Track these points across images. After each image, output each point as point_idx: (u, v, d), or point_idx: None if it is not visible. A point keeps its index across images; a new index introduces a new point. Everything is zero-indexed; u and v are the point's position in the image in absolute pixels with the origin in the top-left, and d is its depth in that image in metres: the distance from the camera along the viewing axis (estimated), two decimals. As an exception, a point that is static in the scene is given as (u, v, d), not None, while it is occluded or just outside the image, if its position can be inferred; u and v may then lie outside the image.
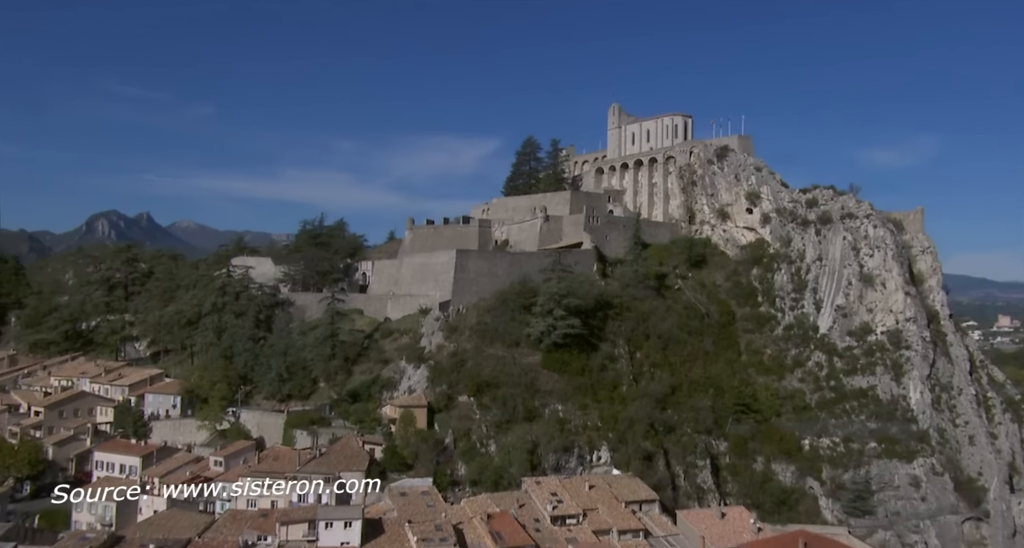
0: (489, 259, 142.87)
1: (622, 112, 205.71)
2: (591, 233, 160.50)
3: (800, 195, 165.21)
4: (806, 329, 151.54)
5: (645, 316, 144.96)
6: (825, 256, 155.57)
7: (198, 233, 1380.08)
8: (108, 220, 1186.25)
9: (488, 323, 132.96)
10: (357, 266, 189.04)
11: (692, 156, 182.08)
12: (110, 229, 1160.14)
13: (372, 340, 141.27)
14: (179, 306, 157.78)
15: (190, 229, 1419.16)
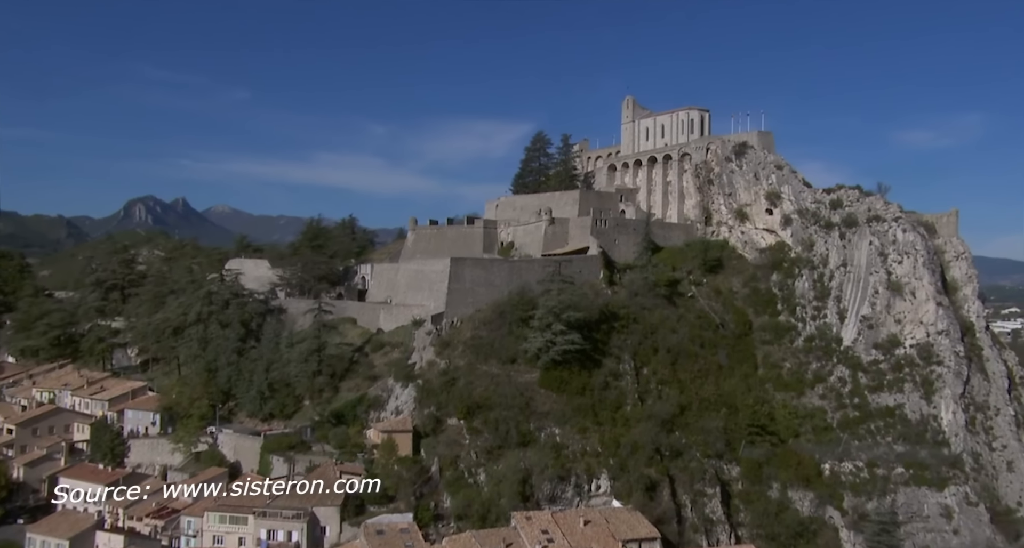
0: (486, 267, 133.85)
1: (636, 105, 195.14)
2: (598, 237, 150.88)
3: (824, 195, 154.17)
4: (828, 341, 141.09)
5: (654, 327, 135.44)
6: (850, 262, 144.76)
7: (233, 218, 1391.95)
8: (145, 205, 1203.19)
9: (483, 337, 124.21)
10: (356, 269, 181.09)
11: (709, 153, 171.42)
12: (147, 214, 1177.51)
13: (362, 354, 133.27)
14: (166, 313, 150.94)
15: (225, 214, 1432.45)
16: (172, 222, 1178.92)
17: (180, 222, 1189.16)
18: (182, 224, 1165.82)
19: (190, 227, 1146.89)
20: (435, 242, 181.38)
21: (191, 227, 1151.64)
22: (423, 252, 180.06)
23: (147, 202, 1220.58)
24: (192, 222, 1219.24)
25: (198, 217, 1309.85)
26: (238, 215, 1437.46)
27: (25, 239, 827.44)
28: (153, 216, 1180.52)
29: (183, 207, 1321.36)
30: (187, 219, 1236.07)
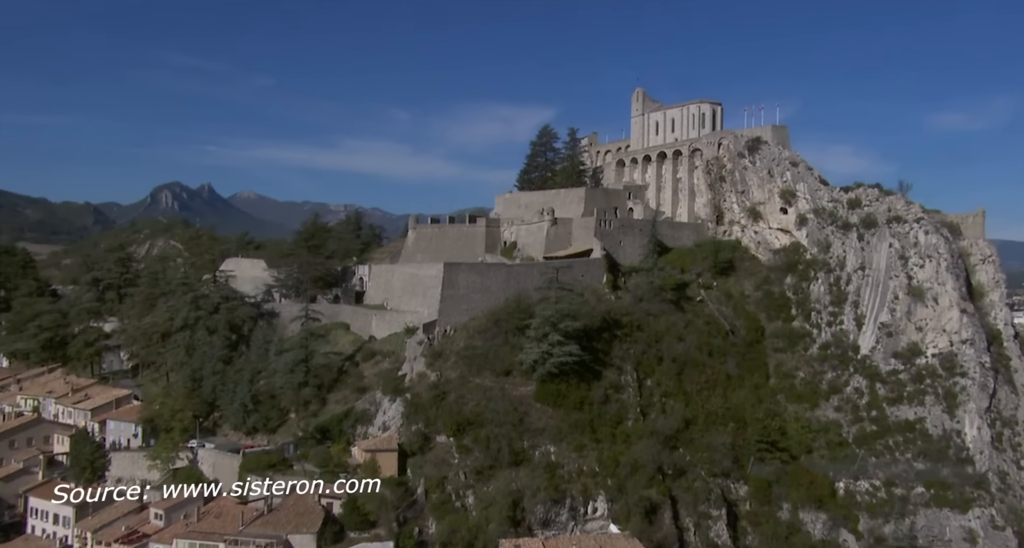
0: (482, 273, 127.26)
1: (646, 98, 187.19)
2: (602, 239, 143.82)
3: (841, 194, 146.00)
4: (845, 349, 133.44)
5: (659, 335, 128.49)
6: (868, 265, 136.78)
7: (258, 204, 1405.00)
8: (171, 191, 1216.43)
9: (477, 347, 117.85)
10: (355, 270, 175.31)
11: (721, 148, 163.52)
12: (173, 200, 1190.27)
13: (352, 363, 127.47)
14: (154, 317, 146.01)
15: (251, 200, 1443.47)
16: (198, 208, 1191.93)
17: (205, 208, 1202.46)
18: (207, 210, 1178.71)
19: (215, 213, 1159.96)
20: (436, 241, 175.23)
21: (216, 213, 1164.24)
22: (423, 252, 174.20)
23: (173, 188, 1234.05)
24: (217, 208, 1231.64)
25: (223, 203, 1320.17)
26: (263, 201, 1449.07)
27: (53, 226, 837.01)
28: (179, 202, 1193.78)
29: (209, 193, 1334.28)
30: (213, 205, 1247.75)
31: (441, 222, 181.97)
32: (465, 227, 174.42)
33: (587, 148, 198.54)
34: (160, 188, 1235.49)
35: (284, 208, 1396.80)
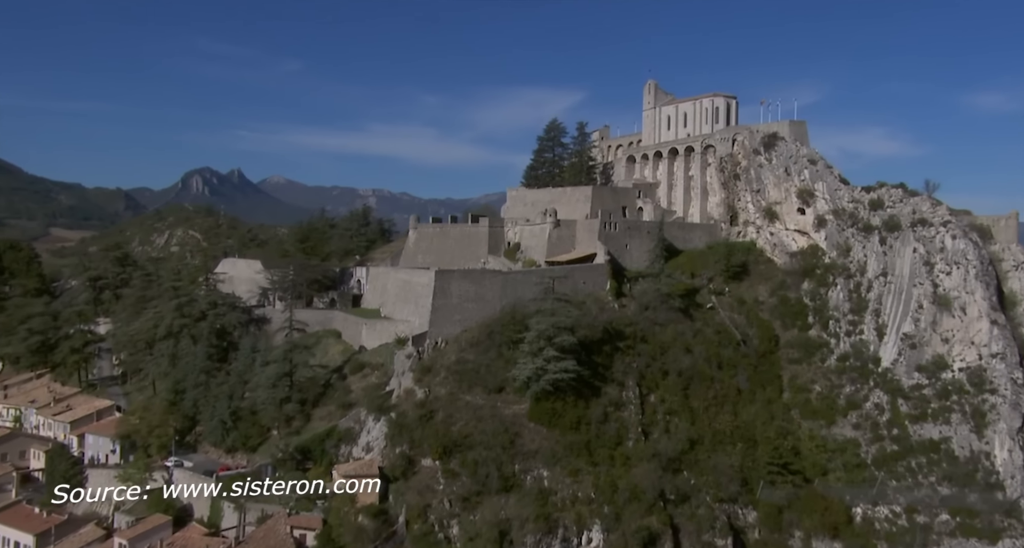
0: (477, 281, 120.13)
1: (659, 90, 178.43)
2: (607, 242, 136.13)
3: (862, 194, 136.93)
4: (865, 361, 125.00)
5: (665, 347, 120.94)
6: (891, 271, 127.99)
7: (288, 189, 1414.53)
8: (202, 177, 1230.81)
9: (469, 361, 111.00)
10: (352, 272, 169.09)
11: (735, 145, 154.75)
12: (203, 186, 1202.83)
13: (340, 375, 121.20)
14: (140, 323, 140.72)
15: (280, 185, 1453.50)
16: (228, 193, 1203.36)
17: (235, 193, 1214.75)
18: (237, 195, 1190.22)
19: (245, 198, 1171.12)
20: (438, 242, 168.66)
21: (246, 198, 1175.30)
22: (424, 253, 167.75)
23: (204, 174, 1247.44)
24: (247, 193, 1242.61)
25: (253, 188, 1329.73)
26: (292, 186, 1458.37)
27: (85, 211, 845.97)
28: (210, 187, 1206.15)
29: (239, 178, 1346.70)
30: (242, 190, 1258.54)
31: (443, 222, 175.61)
32: (467, 227, 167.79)
33: (597, 143, 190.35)
34: (191, 173, 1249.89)
35: (313, 193, 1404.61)
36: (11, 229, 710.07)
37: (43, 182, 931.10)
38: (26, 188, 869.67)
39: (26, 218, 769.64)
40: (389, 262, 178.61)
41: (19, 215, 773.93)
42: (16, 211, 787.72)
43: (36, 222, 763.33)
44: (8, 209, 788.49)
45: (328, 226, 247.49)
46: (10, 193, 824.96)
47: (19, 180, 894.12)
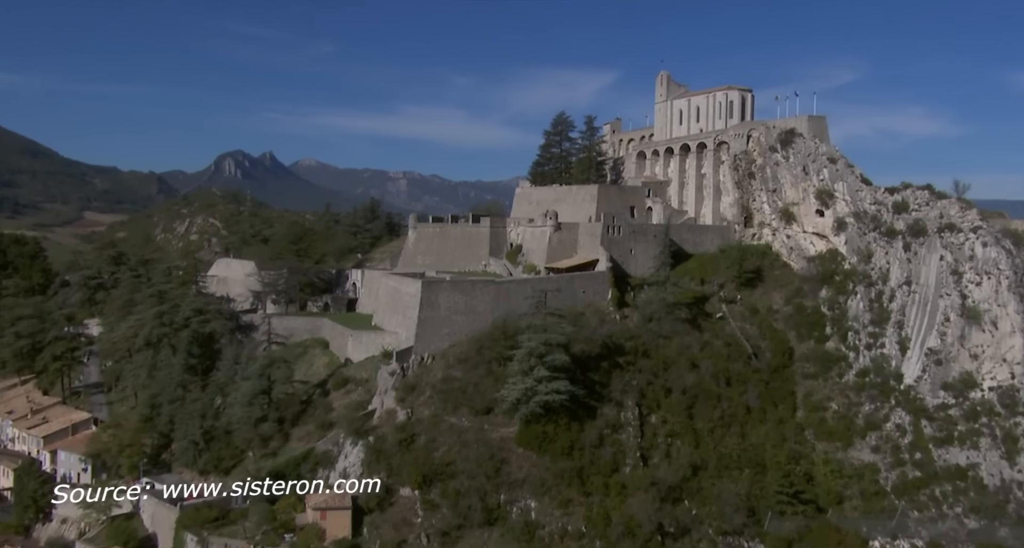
0: (467, 291, 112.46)
1: (671, 82, 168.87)
2: (610, 247, 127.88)
3: (885, 196, 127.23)
4: (886, 377, 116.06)
5: (668, 362, 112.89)
6: (915, 279, 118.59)
7: (319, 171, 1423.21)
8: (234, 160, 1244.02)
9: (457, 379, 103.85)
10: (348, 274, 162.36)
11: (750, 141, 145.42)
12: (236, 168, 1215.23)
13: (323, 390, 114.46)
14: (121, 331, 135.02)
15: (312, 167, 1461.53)
16: (260, 176, 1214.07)
17: (267, 176, 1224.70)
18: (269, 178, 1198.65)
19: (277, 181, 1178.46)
20: (438, 243, 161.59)
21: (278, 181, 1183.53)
22: (424, 254, 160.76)
23: (236, 156, 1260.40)
24: (279, 176, 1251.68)
25: (284, 171, 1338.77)
26: (324, 169, 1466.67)
27: (118, 195, 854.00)
28: (242, 170, 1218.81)
29: (270, 161, 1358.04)
30: (274, 173, 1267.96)
31: (444, 222, 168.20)
32: (468, 227, 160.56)
33: (607, 137, 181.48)
34: (223, 156, 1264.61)
35: (345, 175, 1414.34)
36: (46, 213, 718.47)
37: (78, 166, 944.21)
38: (61, 171, 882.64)
39: (60, 202, 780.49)
40: (388, 263, 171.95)
41: (54, 199, 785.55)
42: (51, 195, 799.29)
43: (70, 206, 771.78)
44: (43, 193, 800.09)
45: (333, 221, 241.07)
46: (45, 177, 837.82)
47: (54, 164, 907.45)
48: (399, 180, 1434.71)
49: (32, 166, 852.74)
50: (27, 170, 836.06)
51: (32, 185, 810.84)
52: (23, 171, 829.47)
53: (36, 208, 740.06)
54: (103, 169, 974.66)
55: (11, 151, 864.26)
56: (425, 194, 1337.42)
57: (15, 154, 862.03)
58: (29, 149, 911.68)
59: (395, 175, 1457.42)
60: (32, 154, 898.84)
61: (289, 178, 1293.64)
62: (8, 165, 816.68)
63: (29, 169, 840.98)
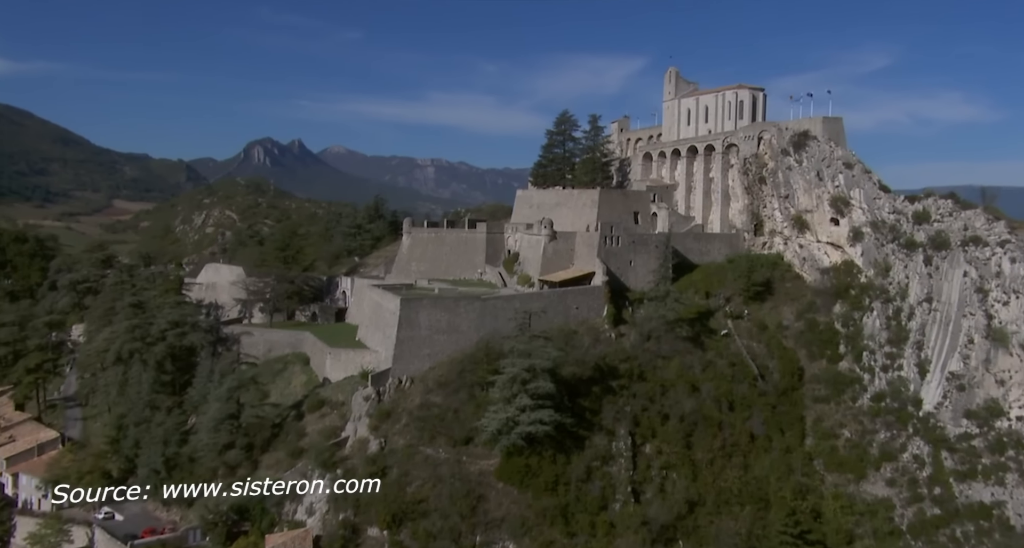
0: (450, 309, 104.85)
1: (680, 79, 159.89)
2: (607, 259, 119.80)
3: (905, 205, 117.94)
4: (903, 402, 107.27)
5: (667, 385, 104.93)
6: (937, 296, 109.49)
7: (347, 159, 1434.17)
8: (263, 147, 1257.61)
9: (436, 405, 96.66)
10: (338, 281, 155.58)
11: (761, 144, 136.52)
12: (264, 156, 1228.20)
13: (297, 413, 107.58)
14: (95, 343, 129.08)
15: (340, 155, 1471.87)
16: (288, 164, 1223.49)
17: (296, 164, 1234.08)
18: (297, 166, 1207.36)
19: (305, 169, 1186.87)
20: (433, 248, 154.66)
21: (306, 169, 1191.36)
22: (419, 261, 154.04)
23: (265, 144, 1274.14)
24: (307, 164, 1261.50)
25: (313, 158, 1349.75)
26: (352, 156, 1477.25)
27: (147, 183, 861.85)
28: (271, 158, 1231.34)
29: (299, 149, 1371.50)
30: (302, 161, 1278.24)
31: (440, 226, 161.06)
32: (464, 233, 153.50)
33: (613, 138, 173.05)
34: (252, 144, 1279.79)
35: (373, 163, 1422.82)
36: (75, 201, 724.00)
37: (109, 153, 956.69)
38: (92, 160, 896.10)
39: (91, 190, 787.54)
40: (383, 268, 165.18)
41: (84, 187, 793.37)
42: (81, 183, 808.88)
43: (100, 194, 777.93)
44: (74, 181, 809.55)
45: (335, 221, 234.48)
46: (76, 165, 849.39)
47: (86, 152, 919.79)
48: (427, 167, 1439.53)
49: (64, 154, 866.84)
50: (59, 158, 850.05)
51: (63, 173, 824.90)
52: (55, 159, 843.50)
53: (66, 196, 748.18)
54: (133, 157, 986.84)
55: (43, 139, 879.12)
56: (453, 181, 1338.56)
57: (47, 142, 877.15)
58: (61, 137, 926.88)
59: (423, 162, 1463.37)
60: (64, 142, 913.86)
61: (317, 165, 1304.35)
62: (40, 153, 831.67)
63: (61, 157, 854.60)
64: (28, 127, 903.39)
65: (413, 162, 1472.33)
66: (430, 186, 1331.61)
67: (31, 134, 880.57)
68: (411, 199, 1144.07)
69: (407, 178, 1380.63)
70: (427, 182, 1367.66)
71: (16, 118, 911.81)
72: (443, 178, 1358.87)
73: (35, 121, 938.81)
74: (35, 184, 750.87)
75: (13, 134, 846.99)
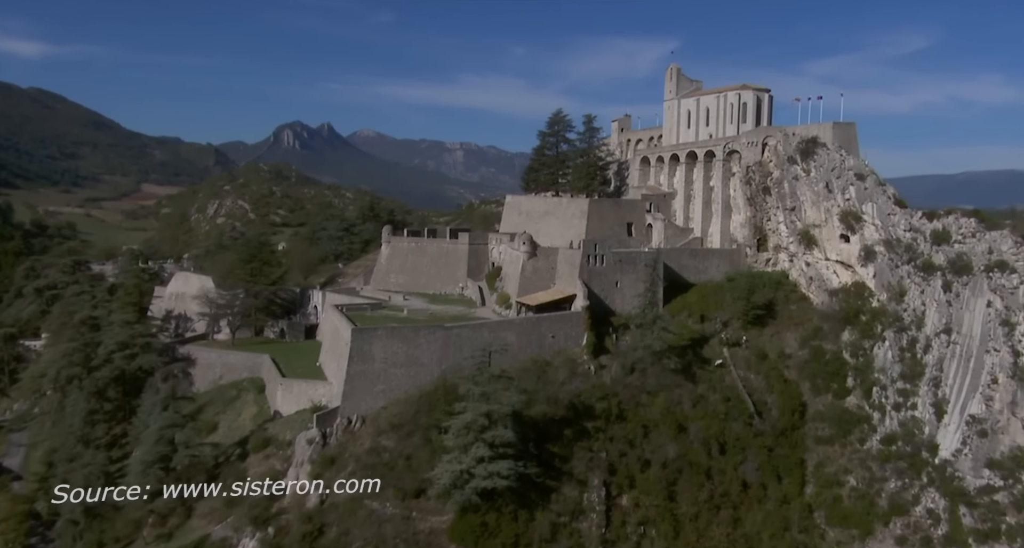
0: (408, 339, 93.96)
1: (681, 76, 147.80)
2: (591, 280, 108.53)
3: (923, 222, 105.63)
4: (917, 447, 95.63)
5: (650, 426, 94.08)
6: (957, 328, 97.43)
7: (377, 142, 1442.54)
8: (292, 131, 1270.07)
9: (388, 450, 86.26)
10: (310, 294, 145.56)
11: (765, 151, 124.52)
12: (294, 140, 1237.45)
13: (242, 451, 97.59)
14: (41, 365, 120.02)
15: (370, 138, 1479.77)
16: (318, 147, 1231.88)
17: (325, 147, 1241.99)
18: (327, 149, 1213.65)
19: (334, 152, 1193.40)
20: (413, 259, 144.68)
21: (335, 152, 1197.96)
22: (397, 273, 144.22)
23: (294, 128, 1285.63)
24: (336, 147, 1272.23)
25: (342, 142, 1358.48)
26: (382, 139, 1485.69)
27: (176, 167, 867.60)
28: (300, 141, 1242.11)
29: (328, 132, 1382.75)
30: (332, 144, 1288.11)
31: (421, 235, 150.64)
32: (446, 244, 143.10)
33: (606, 141, 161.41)
34: (282, 127, 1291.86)
35: (402, 146, 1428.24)
36: (104, 185, 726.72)
37: (139, 137, 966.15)
38: (122, 144, 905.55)
39: (120, 174, 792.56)
40: (363, 279, 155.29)
41: (113, 171, 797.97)
42: (111, 167, 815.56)
43: (128, 178, 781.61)
44: (104, 165, 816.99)
45: (326, 220, 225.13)
46: (106, 149, 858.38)
47: (116, 136, 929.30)
48: (456, 151, 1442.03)
49: (94, 138, 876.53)
50: (89, 142, 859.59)
51: (93, 157, 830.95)
52: (85, 143, 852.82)
53: (95, 180, 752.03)
54: (164, 140, 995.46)
55: (75, 124, 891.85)
56: (482, 165, 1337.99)
57: (78, 126, 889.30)
58: (93, 121, 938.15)
59: (452, 146, 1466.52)
60: (95, 126, 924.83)
61: (346, 149, 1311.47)
62: (71, 137, 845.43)
63: (91, 141, 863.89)
64: (60, 111, 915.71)
65: (442, 145, 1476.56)
66: (459, 170, 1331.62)
67: (62, 118, 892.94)
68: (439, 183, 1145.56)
69: (436, 162, 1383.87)
70: (456, 166, 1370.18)
71: (49, 102, 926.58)
72: (472, 162, 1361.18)
73: (67, 105, 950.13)
74: (65, 168, 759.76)
75: (45, 119, 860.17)
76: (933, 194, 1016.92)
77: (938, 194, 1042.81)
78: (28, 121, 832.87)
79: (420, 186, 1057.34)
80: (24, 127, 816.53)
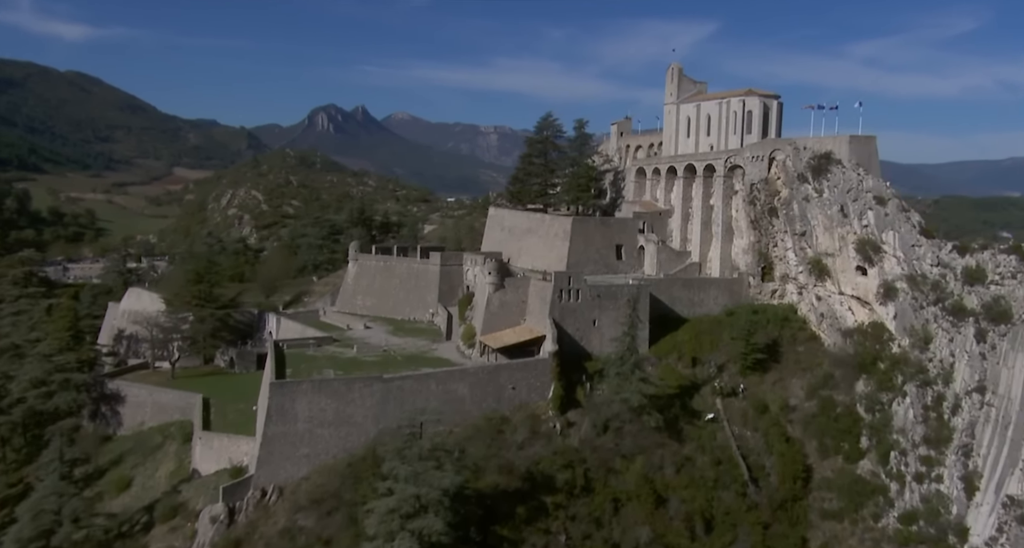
0: (339, 395, 79.75)
1: (683, 77, 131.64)
2: (564, 319, 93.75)
3: (953, 256, 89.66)
4: (942, 529, 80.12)
5: (622, 500, 79.42)
6: (993, 387, 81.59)
7: (411, 125, 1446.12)
8: (327, 114, 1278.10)
9: (305, 532, 72.43)
10: (266, 319, 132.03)
11: (772, 166, 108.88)
12: (328, 123, 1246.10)
13: (149, 518, 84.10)
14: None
15: (404, 121, 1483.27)
16: (352, 130, 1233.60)
17: (359, 130, 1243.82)
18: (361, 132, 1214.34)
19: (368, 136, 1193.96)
20: (381, 280, 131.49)
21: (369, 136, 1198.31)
22: (365, 294, 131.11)
23: (329, 111, 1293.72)
24: (370, 130, 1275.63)
25: (376, 125, 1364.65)
26: (416, 122, 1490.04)
27: (208, 151, 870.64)
28: (334, 125, 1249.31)
29: (363, 115, 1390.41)
30: (366, 127, 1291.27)
31: (390, 252, 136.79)
32: (416, 263, 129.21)
33: (600, 150, 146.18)
34: (316, 110, 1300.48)
35: (436, 129, 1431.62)
36: (136, 169, 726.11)
37: (174, 120, 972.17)
38: (156, 127, 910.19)
39: (153, 157, 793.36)
40: (329, 299, 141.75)
41: (147, 155, 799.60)
42: (144, 150, 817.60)
43: (161, 162, 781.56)
44: (137, 148, 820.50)
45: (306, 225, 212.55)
46: (140, 132, 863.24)
47: (151, 119, 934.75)
48: (490, 135, 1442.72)
49: (129, 122, 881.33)
50: (123, 126, 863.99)
51: (127, 140, 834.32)
52: (120, 126, 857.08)
53: (128, 164, 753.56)
54: (199, 124, 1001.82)
55: (111, 107, 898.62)
56: (516, 149, 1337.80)
57: (114, 110, 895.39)
58: (128, 104, 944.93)
59: (486, 130, 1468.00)
60: (131, 109, 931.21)
61: (381, 132, 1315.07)
62: (106, 121, 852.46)
63: (126, 125, 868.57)
64: (96, 94, 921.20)
65: (476, 129, 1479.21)
66: (492, 154, 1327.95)
67: (98, 102, 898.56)
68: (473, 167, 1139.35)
69: (470, 145, 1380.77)
70: (490, 149, 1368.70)
71: (86, 86, 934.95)
72: (506, 146, 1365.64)
73: (104, 88, 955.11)
74: (99, 151, 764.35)
75: (81, 102, 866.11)
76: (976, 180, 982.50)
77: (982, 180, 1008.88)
78: (65, 104, 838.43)
79: (453, 170, 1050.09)
80: (60, 110, 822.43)
